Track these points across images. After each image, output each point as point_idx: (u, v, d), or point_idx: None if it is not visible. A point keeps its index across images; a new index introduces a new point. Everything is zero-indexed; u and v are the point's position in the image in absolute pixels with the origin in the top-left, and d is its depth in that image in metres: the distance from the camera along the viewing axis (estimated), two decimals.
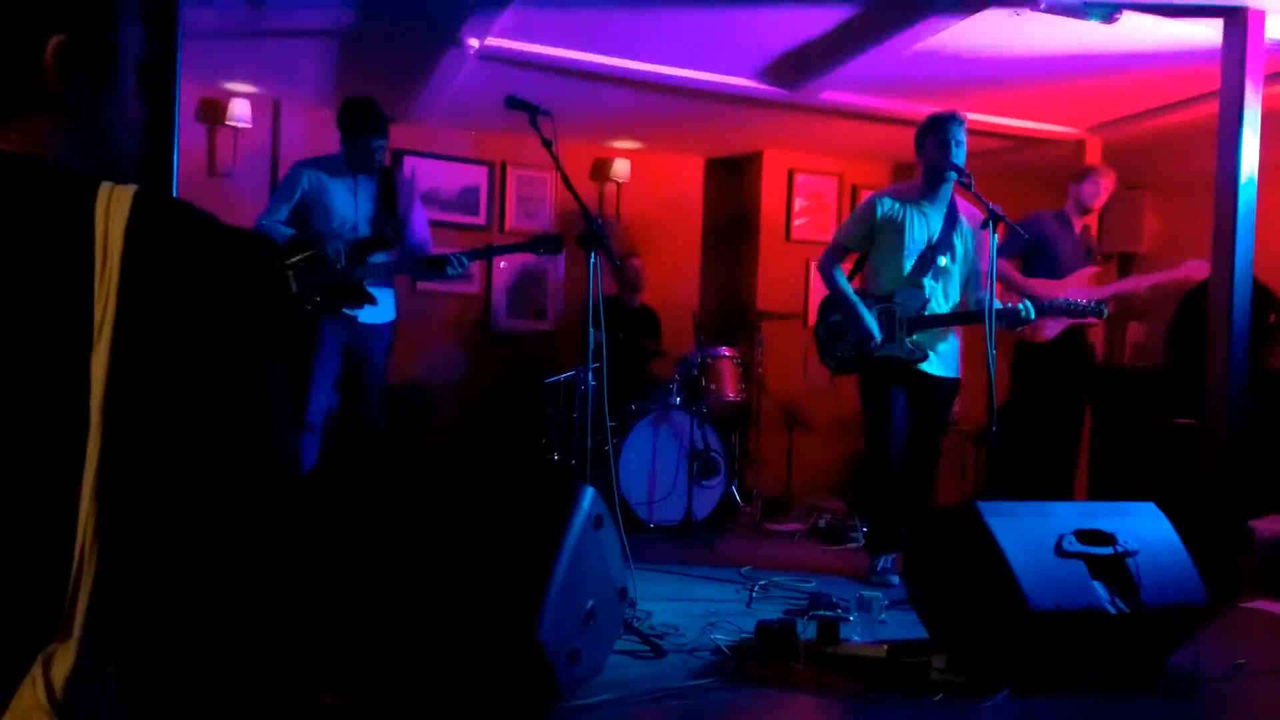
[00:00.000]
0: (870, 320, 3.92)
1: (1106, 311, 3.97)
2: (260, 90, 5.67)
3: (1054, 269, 4.68)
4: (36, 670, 0.72)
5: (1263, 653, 2.98)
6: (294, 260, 3.57)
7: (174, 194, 2.83)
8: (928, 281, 3.93)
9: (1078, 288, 4.64)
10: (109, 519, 0.71)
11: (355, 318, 3.93)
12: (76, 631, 0.72)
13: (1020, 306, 3.77)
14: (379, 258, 3.97)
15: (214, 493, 0.76)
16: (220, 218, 0.85)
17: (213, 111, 5.62)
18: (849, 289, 4.07)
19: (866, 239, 4.08)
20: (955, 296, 4.03)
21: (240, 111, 5.57)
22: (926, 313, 3.91)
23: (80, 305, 0.73)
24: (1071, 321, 4.62)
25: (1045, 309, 3.92)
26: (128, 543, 0.73)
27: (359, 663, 2.15)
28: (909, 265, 3.95)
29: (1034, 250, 4.69)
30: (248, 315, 0.79)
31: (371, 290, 3.91)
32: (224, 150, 5.68)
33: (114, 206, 0.76)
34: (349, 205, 4.00)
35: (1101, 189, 4.81)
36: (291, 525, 0.82)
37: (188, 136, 5.42)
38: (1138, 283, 4.94)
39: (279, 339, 0.84)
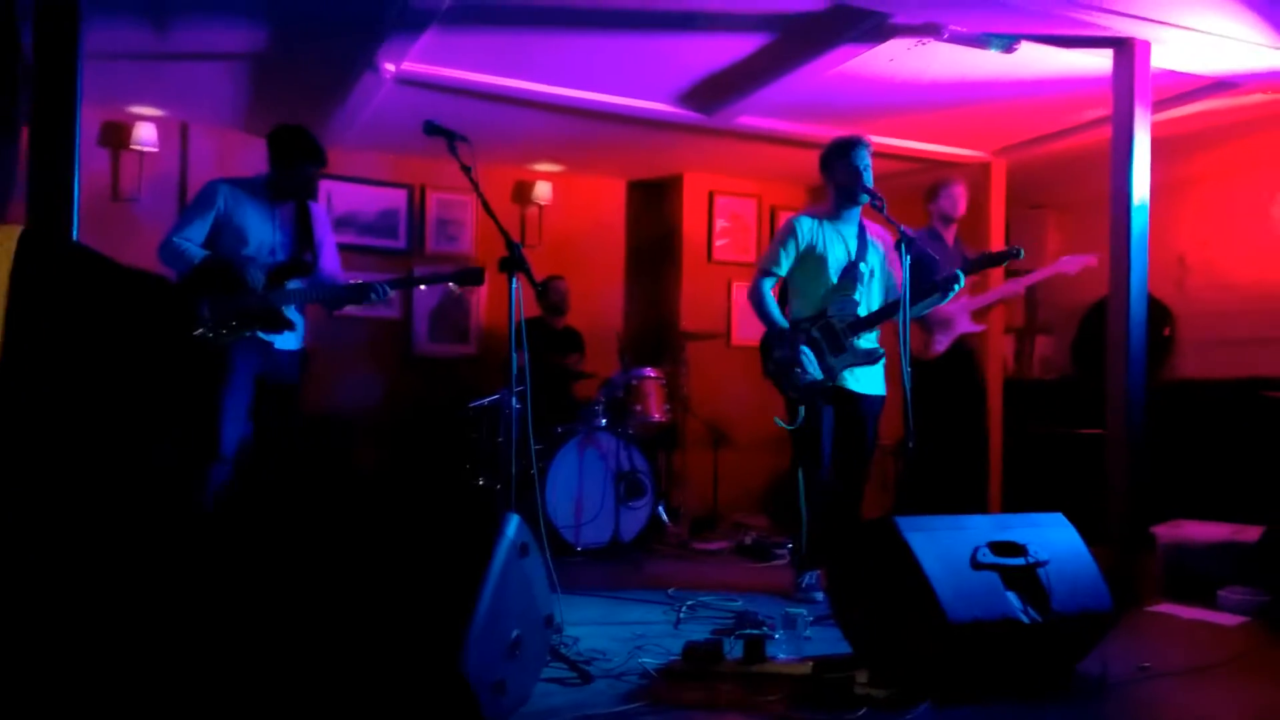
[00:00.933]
0: (809, 359, 3.96)
1: (963, 281, 4.07)
2: (167, 113, 5.54)
3: (930, 286, 4.82)
4: None
5: (1166, 655, 3.10)
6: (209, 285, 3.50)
7: (74, 221, 2.75)
8: (858, 290, 4.02)
9: (964, 299, 4.79)
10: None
11: (270, 344, 3.86)
12: None
13: (956, 273, 3.89)
14: (295, 284, 3.92)
15: (96, 519, 0.75)
16: (125, 244, 0.83)
17: (116, 135, 5.47)
18: (781, 318, 4.08)
19: (793, 262, 4.10)
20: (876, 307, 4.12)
21: (145, 135, 5.43)
22: (861, 316, 4.00)
23: None
24: (959, 334, 4.81)
25: (970, 267, 4.08)
26: (16, 576, 0.71)
27: (278, 693, 2.11)
28: (835, 279, 4.03)
29: (913, 270, 4.79)
30: (140, 352, 0.78)
31: (290, 317, 3.86)
32: (129, 175, 5.53)
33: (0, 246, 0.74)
34: (265, 229, 3.93)
35: (956, 195, 4.95)
36: (186, 558, 0.81)
37: (90, 161, 5.26)
38: (1017, 284, 5.10)
39: (176, 373, 0.83)
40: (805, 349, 3.96)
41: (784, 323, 4.07)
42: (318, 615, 2.24)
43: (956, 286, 3.90)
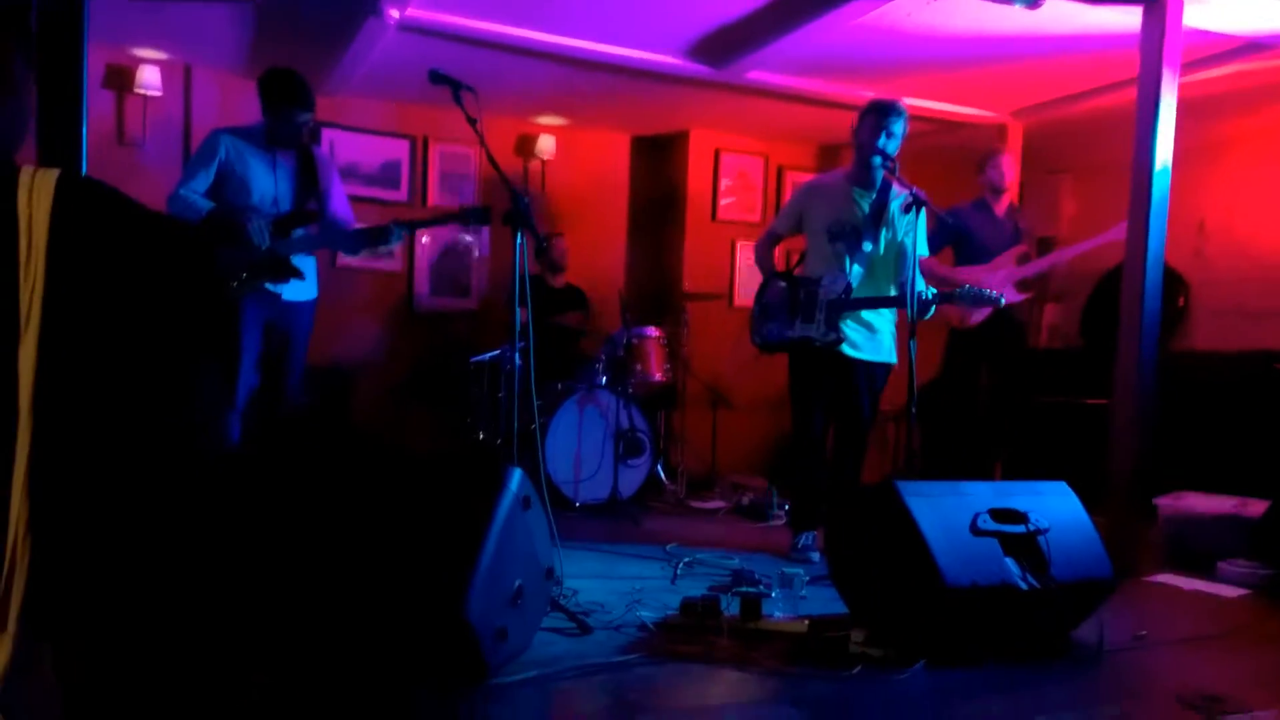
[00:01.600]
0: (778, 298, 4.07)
1: (1003, 300, 3.99)
2: (170, 56, 5.47)
3: (981, 255, 4.81)
4: None
5: (1163, 624, 3.11)
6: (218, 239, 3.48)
7: (83, 165, 2.72)
8: (854, 267, 3.95)
9: (1008, 270, 4.78)
10: (40, 514, 0.69)
11: (279, 295, 3.84)
12: (11, 626, 0.69)
13: (927, 292, 3.80)
14: (301, 233, 3.88)
15: (145, 482, 0.74)
16: (130, 188, 0.81)
17: (120, 78, 5.40)
18: (772, 269, 4.22)
19: (797, 226, 4.16)
20: (884, 280, 4.04)
21: (149, 78, 5.36)
22: (850, 296, 3.94)
23: (5, 295, 0.70)
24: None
25: (949, 297, 3.94)
26: (60, 537, 0.70)
27: (287, 642, 2.12)
28: (833, 250, 3.99)
29: (959, 242, 4.83)
30: (174, 302, 0.76)
31: (299, 266, 3.83)
32: (133, 119, 5.47)
33: (37, 192, 0.72)
34: (268, 179, 3.89)
35: (1004, 166, 4.96)
36: (216, 510, 0.80)
37: (94, 104, 5.19)
38: (1060, 256, 5.07)
39: (206, 324, 0.81)
40: (774, 305, 4.07)
41: (773, 273, 4.18)
42: (324, 564, 2.24)
43: (926, 311, 3.77)
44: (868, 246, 3.94)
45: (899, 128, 3.90)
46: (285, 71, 3.91)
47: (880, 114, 3.89)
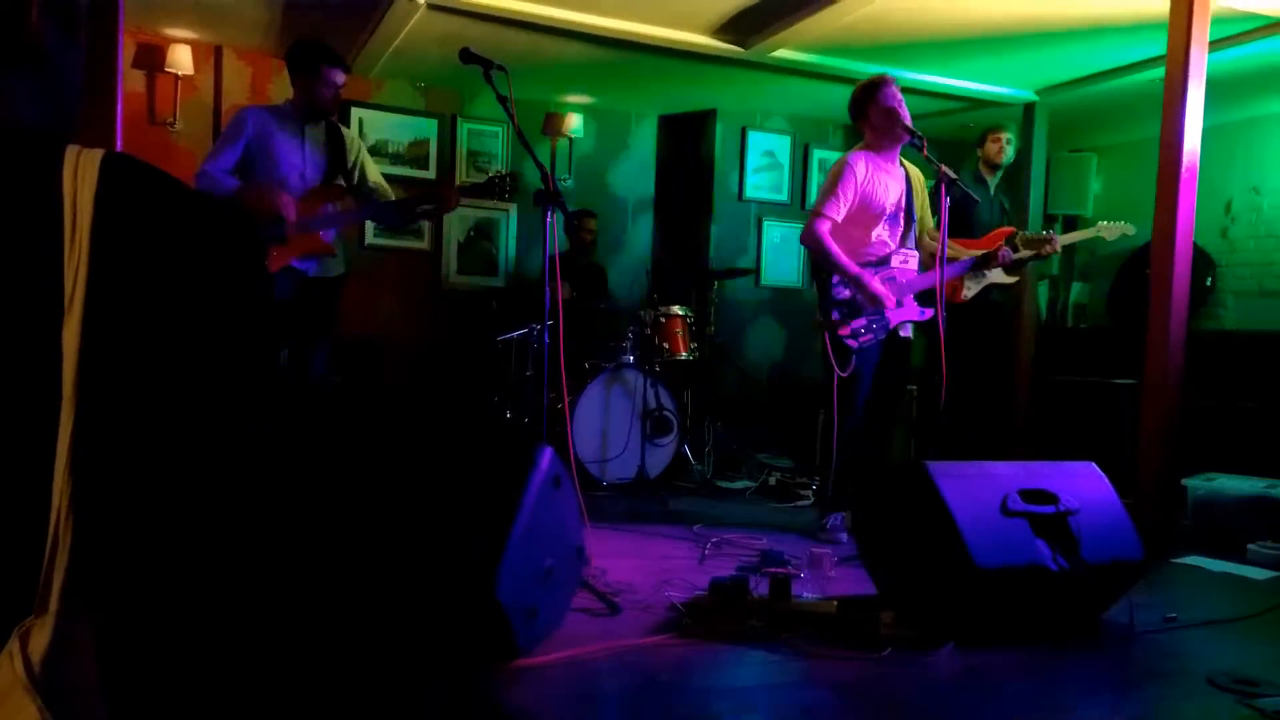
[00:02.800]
0: (880, 290, 3.89)
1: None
2: (200, 36, 5.50)
3: (972, 229, 4.76)
4: (14, 645, 0.71)
5: (1193, 606, 3.10)
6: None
7: (118, 144, 2.75)
8: (907, 240, 3.99)
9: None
10: (83, 493, 0.70)
11: (305, 272, 3.87)
12: (53, 605, 0.71)
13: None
14: (329, 209, 3.90)
15: (187, 462, 0.75)
16: (161, 167, 0.82)
17: (151, 58, 5.44)
18: (850, 262, 3.91)
19: (858, 206, 3.94)
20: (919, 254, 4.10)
21: (181, 58, 5.40)
22: (915, 269, 3.97)
23: (50, 275, 0.71)
24: (990, 284, 4.75)
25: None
26: (103, 516, 0.71)
27: (319, 621, 2.15)
28: (889, 229, 3.99)
29: (955, 213, 4.73)
30: (219, 284, 0.78)
31: (328, 241, 3.86)
32: (164, 98, 5.51)
33: (83, 172, 0.73)
34: (295, 155, 3.92)
35: (1003, 146, 4.93)
36: (265, 492, 0.81)
37: (125, 83, 5.25)
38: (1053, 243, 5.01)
39: (251, 304, 0.82)
40: (859, 299, 3.91)
41: (853, 267, 3.88)
42: (355, 543, 2.27)
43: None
44: (915, 217, 3.98)
45: (899, 95, 3.92)
46: (312, 39, 3.95)
47: (878, 92, 3.89)
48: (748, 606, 2.76)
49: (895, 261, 3.94)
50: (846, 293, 3.91)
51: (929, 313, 3.91)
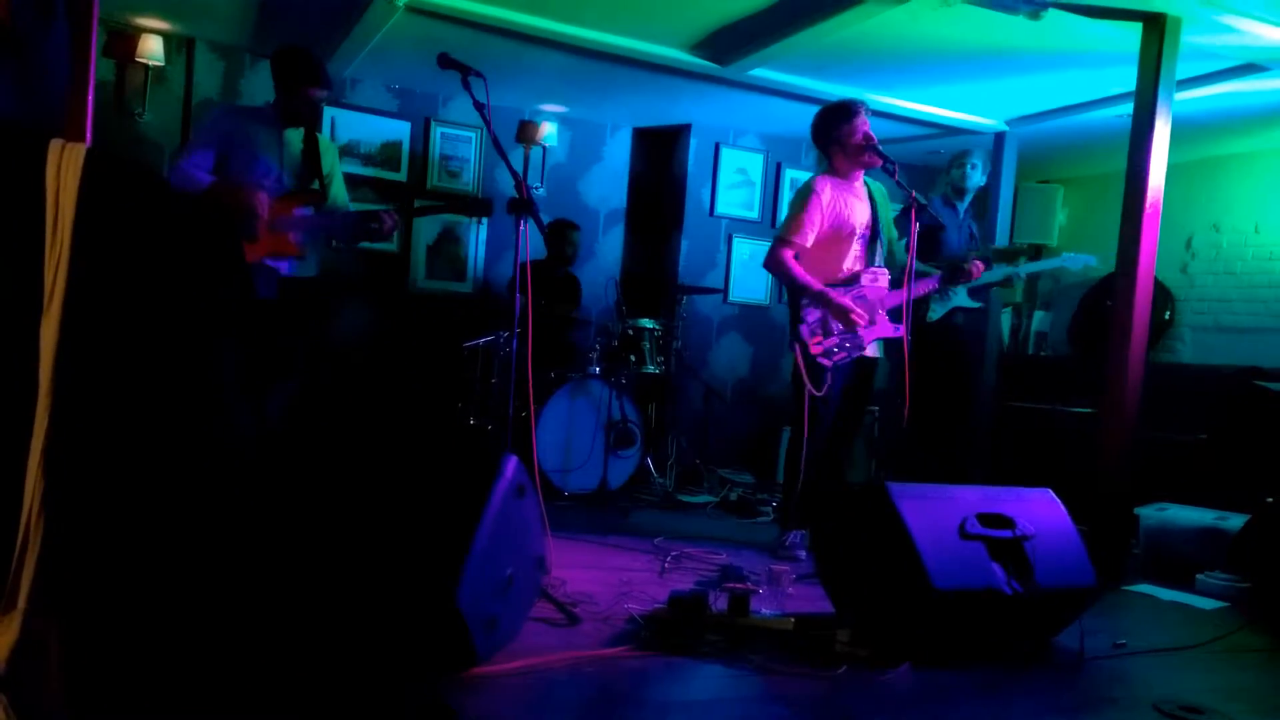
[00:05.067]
0: (849, 305, 3.92)
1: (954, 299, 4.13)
2: (173, 28, 5.44)
3: (937, 253, 4.83)
4: None
5: (1143, 633, 3.15)
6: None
7: (89, 134, 2.70)
8: (877, 261, 4.03)
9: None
10: (56, 491, 0.69)
11: (277, 271, 3.83)
12: (21, 604, 0.70)
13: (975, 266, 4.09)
14: (303, 212, 3.88)
15: (165, 462, 0.75)
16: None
17: (122, 46, 5.37)
18: (815, 282, 3.93)
19: (828, 227, 3.98)
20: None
21: (152, 48, 5.33)
22: (886, 288, 4.02)
23: (30, 270, 0.70)
24: (954, 307, 4.83)
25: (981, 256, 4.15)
26: (75, 515, 0.70)
27: (279, 627, 2.13)
28: (860, 249, 4.02)
29: (924, 237, 4.78)
30: (203, 283, 0.77)
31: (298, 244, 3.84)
32: (133, 88, 5.44)
33: (66, 167, 0.72)
34: (272, 157, 3.89)
35: (968, 171, 4.98)
36: (240, 493, 0.81)
37: (96, 71, 5.18)
38: (1017, 269, 5.07)
39: (232, 301, 0.82)
40: (827, 317, 3.95)
41: (817, 285, 3.91)
42: (315, 549, 2.25)
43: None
44: (882, 245, 4.02)
45: (869, 120, 3.98)
46: (300, 50, 3.92)
47: (854, 116, 3.95)
48: (706, 621, 2.77)
49: (865, 280, 3.98)
50: (817, 312, 3.94)
51: (903, 329, 3.94)
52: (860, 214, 4.01)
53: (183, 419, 0.78)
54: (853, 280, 3.98)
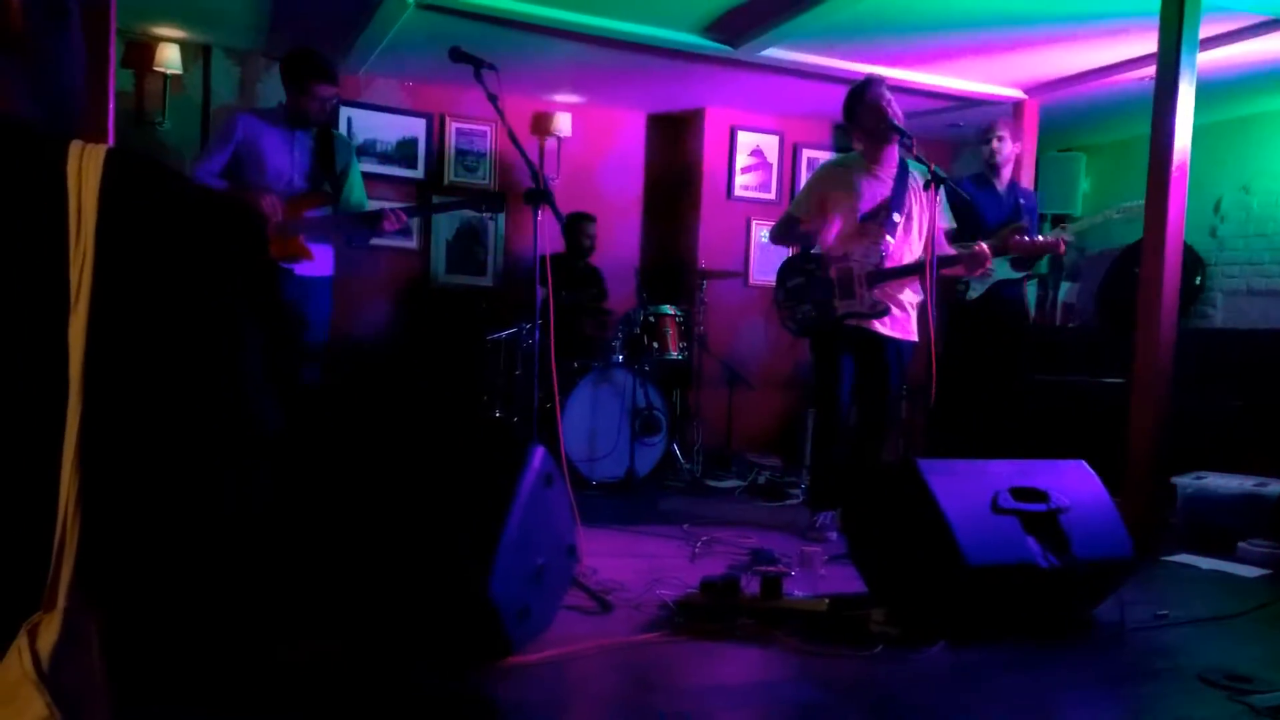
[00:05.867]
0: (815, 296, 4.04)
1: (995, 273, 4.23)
2: (190, 36, 5.47)
3: (980, 230, 4.75)
4: (22, 641, 0.71)
5: (1183, 604, 3.11)
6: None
7: (110, 141, 2.73)
8: (884, 239, 3.98)
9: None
10: (91, 488, 0.70)
11: (290, 271, 3.86)
12: (61, 601, 0.70)
13: (979, 246, 3.92)
14: (315, 213, 3.90)
15: (195, 458, 0.75)
16: None
17: (140, 56, 5.41)
18: (806, 248, 4.18)
19: (817, 207, 4.10)
20: (907, 257, 4.05)
21: (170, 57, 5.37)
22: (884, 268, 3.96)
23: (56, 271, 0.70)
24: (996, 280, 4.76)
25: (998, 249, 4.07)
26: (110, 511, 0.71)
27: (314, 618, 2.14)
28: (863, 227, 3.99)
29: (960, 215, 4.74)
30: (225, 279, 0.77)
31: (309, 245, 3.85)
32: (152, 96, 5.48)
33: (86, 167, 0.73)
34: (285, 158, 3.91)
35: (995, 145, 4.87)
36: (269, 487, 0.81)
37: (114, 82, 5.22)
38: (1064, 232, 4.99)
39: (257, 301, 0.82)
40: (804, 287, 4.03)
41: (802, 255, 4.12)
42: (348, 542, 2.26)
43: (978, 265, 3.96)
44: (897, 218, 3.96)
45: (889, 95, 3.95)
46: (307, 50, 3.95)
47: (867, 93, 3.93)
48: (739, 605, 2.76)
49: (855, 254, 3.95)
50: (796, 280, 4.11)
51: (893, 322, 3.96)
52: (868, 192, 3.97)
53: (211, 412, 0.78)
54: (843, 258, 3.97)
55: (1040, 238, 4.30)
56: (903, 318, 4.02)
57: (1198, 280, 6.10)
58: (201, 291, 0.78)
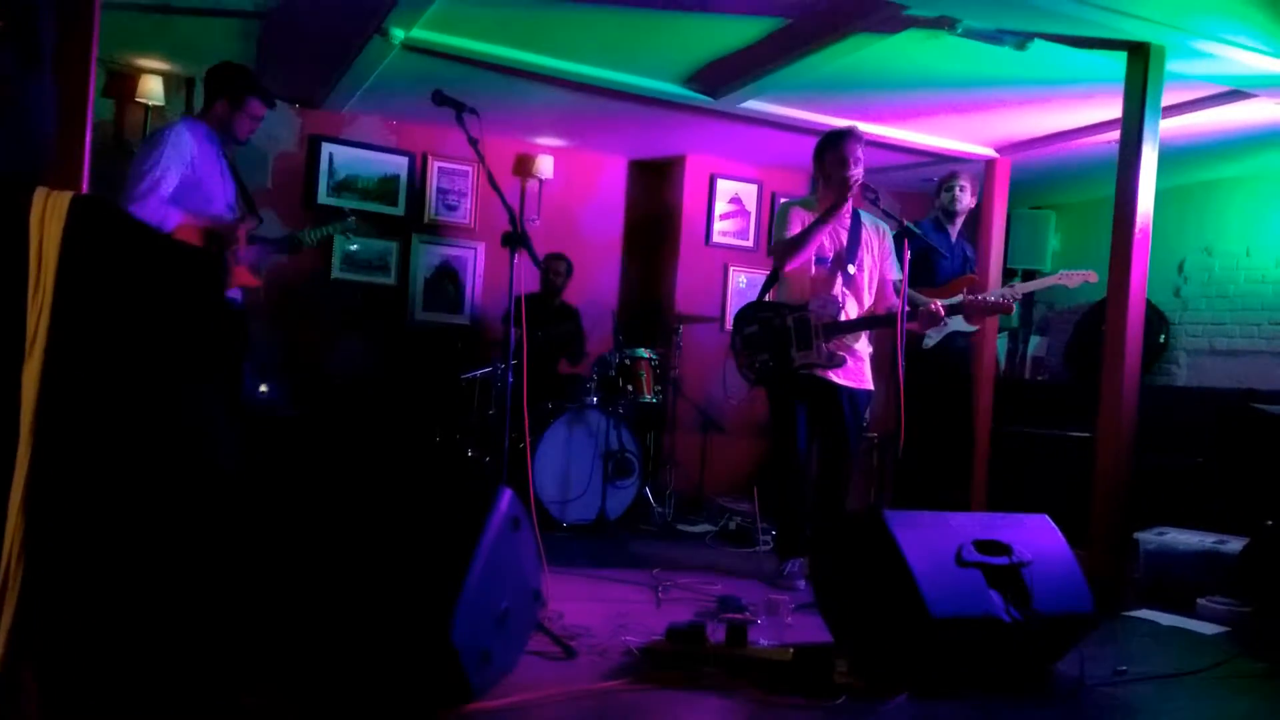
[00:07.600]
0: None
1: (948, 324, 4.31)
2: (173, 69, 5.50)
3: (932, 278, 4.80)
4: None
5: (1143, 660, 3.13)
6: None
7: (85, 173, 2.73)
8: (837, 289, 4.03)
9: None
10: (36, 533, 0.70)
11: (234, 301, 3.81)
12: None
13: (935, 305, 3.98)
14: (262, 244, 3.90)
15: (146, 506, 0.76)
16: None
17: (121, 87, 5.43)
18: (766, 297, 4.22)
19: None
20: (863, 306, 4.12)
21: (152, 88, 5.39)
22: (840, 319, 4.00)
23: (12, 317, 0.71)
24: (951, 331, 4.81)
25: (956, 307, 4.13)
26: (55, 557, 0.71)
27: (273, 661, 2.12)
28: (819, 275, 4.04)
29: (916, 266, 4.75)
30: (184, 330, 0.78)
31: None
32: (132, 126, 5.49)
33: (50, 215, 0.74)
34: (219, 181, 3.78)
35: (957, 194, 4.91)
36: (223, 536, 0.82)
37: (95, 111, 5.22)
38: (1014, 291, 5.04)
39: (213, 344, 0.83)
40: (761, 335, 4.07)
41: (757, 304, 4.15)
42: (309, 582, 2.24)
43: (936, 322, 4.06)
44: (851, 270, 4.02)
45: (860, 151, 4.02)
46: (239, 65, 3.89)
47: (840, 144, 4.00)
48: (704, 652, 2.75)
49: (813, 305, 4.00)
50: (751, 328, 4.14)
51: (846, 371, 4.01)
52: (829, 240, 4.04)
53: (165, 461, 0.79)
54: (800, 307, 4.02)
55: (991, 298, 4.35)
56: (855, 367, 4.07)
57: (1161, 338, 6.21)
58: (161, 339, 0.79)
